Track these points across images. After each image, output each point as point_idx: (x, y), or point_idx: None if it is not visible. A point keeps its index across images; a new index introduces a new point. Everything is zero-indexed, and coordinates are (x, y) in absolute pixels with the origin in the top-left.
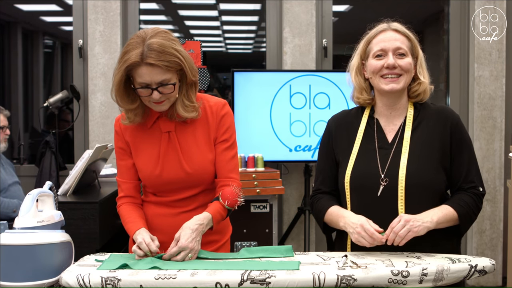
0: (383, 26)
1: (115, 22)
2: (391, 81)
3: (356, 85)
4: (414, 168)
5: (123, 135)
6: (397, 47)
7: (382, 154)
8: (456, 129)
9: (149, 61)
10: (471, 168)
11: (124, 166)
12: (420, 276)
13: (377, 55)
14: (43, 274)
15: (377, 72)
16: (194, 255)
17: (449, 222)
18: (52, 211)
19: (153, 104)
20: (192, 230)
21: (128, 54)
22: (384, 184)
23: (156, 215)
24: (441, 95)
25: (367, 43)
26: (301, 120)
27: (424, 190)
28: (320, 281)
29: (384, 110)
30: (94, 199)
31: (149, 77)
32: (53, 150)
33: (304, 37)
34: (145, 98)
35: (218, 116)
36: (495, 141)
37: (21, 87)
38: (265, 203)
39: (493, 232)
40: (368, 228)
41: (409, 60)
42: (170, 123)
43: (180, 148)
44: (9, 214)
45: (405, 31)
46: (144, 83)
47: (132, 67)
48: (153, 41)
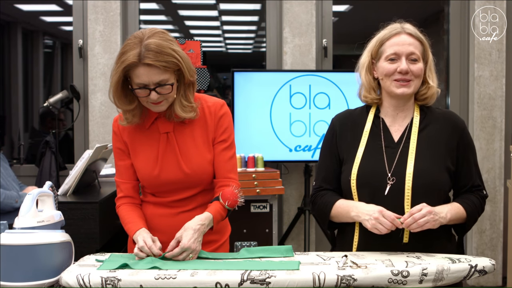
0: (397, 29)
1: (115, 22)
2: (402, 85)
3: (365, 83)
4: (421, 168)
5: (121, 135)
6: (411, 52)
7: (388, 153)
8: (463, 134)
9: (146, 62)
10: (476, 171)
11: (122, 167)
12: (420, 276)
13: (390, 58)
14: (43, 274)
15: (390, 76)
16: (195, 255)
17: (458, 220)
18: (52, 211)
19: (151, 105)
20: (194, 230)
21: (126, 55)
22: (391, 183)
23: (155, 215)
24: (441, 95)
25: (379, 44)
26: (301, 120)
27: (431, 190)
28: (320, 281)
29: (391, 111)
30: (94, 199)
31: (147, 77)
32: (53, 150)
33: (304, 37)
34: (143, 99)
35: (216, 117)
36: (495, 141)
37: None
38: (265, 203)
39: (493, 232)
40: (389, 214)
41: (421, 65)
42: (168, 123)
43: (179, 149)
44: (12, 204)
45: (418, 35)
46: (142, 83)
47: (129, 68)
48: (150, 42)
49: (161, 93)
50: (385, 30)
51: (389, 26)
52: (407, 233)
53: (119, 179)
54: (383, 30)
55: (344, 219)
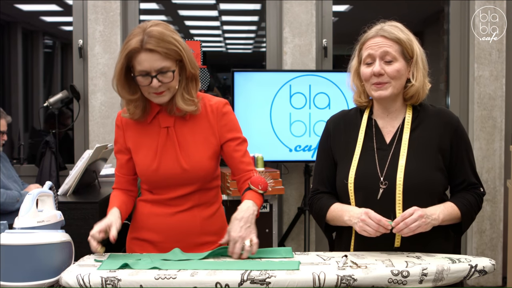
0: (372, 32)
1: (115, 22)
2: (378, 87)
3: (354, 88)
4: (412, 170)
5: (123, 129)
6: (384, 53)
7: (380, 156)
8: (457, 131)
9: (148, 47)
10: (472, 169)
11: (121, 160)
12: (420, 276)
13: (367, 62)
14: (43, 274)
15: (368, 80)
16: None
17: (452, 220)
18: (52, 211)
19: (153, 96)
20: (238, 220)
21: (129, 42)
22: (384, 187)
23: (152, 214)
24: (441, 95)
25: (359, 48)
26: (301, 120)
27: (422, 192)
28: (320, 281)
29: (381, 113)
30: (94, 199)
31: (149, 63)
32: (53, 150)
33: (304, 37)
34: (144, 89)
35: (219, 114)
36: (495, 141)
37: (21, 87)
38: (265, 203)
39: (493, 232)
40: (374, 216)
41: (398, 66)
42: (169, 118)
43: (178, 143)
44: (14, 203)
45: (395, 35)
46: (143, 70)
47: (132, 54)
48: (153, 29)
49: (163, 81)
50: (366, 33)
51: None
52: (398, 238)
53: (117, 172)
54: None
55: (339, 223)
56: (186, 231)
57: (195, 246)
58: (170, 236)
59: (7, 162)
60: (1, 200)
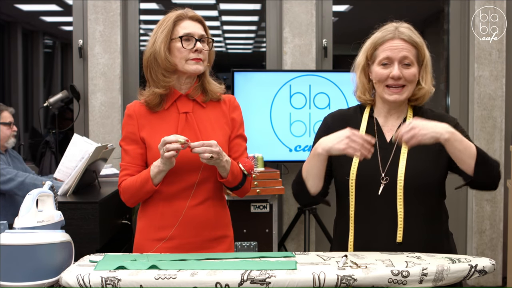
0: (390, 33)
1: (115, 22)
2: (394, 92)
3: (359, 84)
4: (413, 166)
5: (137, 118)
6: (404, 57)
7: (382, 153)
8: (457, 128)
9: (191, 14)
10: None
11: (132, 151)
12: (420, 276)
13: (383, 63)
14: (43, 274)
15: (382, 81)
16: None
17: (462, 151)
18: (52, 211)
19: (191, 62)
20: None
21: (169, 16)
22: (385, 183)
23: (164, 213)
24: (441, 95)
25: (373, 47)
26: (301, 120)
27: (423, 189)
28: (320, 281)
29: (384, 112)
30: (94, 199)
31: (193, 28)
32: (53, 150)
33: (304, 37)
34: (184, 55)
35: (231, 106)
36: (495, 141)
37: (21, 87)
38: (265, 203)
39: (493, 232)
40: (355, 132)
41: (414, 70)
42: (188, 104)
43: (198, 128)
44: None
45: (412, 39)
46: (188, 33)
47: (177, 19)
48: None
49: (204, 48)
50: (380, 32)
51: (384, 28)
52: (400, 232)
53: (125, 163)
54: (378, 32)
55: (315, 167)
56: (202, 224)
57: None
58: (187, 230)
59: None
60: (25, 180)
